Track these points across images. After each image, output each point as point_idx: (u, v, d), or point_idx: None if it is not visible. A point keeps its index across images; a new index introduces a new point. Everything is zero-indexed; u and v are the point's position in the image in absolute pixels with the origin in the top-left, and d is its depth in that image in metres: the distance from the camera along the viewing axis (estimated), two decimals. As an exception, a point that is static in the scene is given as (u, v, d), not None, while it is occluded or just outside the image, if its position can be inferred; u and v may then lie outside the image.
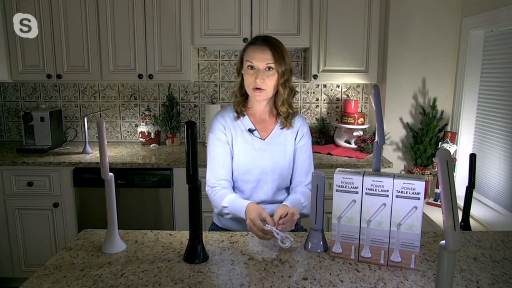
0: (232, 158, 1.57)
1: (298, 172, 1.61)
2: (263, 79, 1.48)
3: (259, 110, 1.60)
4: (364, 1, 2.61)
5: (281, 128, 1.60)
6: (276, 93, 1.56)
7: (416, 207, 1.09)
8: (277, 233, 1.25)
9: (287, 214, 1.32)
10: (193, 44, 2.69)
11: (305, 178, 1.60)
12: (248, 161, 1.55)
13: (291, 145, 1.61)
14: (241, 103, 1.59)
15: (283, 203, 1.46)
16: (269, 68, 1.49)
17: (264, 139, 1.58)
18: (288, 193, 1.64)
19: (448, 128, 2.67)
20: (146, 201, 2.53)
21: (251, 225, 1.30)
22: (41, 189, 2.52)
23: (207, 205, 1.56)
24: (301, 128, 1.63)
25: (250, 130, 1.57)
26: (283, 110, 1.57)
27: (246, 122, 1.58)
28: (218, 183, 1.54)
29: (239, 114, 1.58)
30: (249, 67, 1.50)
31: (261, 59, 1.48)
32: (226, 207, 1.47)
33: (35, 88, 3.09)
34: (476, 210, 2.24)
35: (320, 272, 1.12)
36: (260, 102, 1.57)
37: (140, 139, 2.99)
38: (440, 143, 2.56)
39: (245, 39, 2.61)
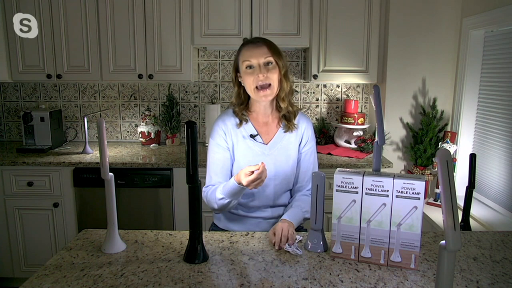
0: (233, 163, 1.55)
1: (301, 177, 1.59)
2: (265, 74, 1.44)
3: (262, 113, 1.57)
4: (364, 1, 2.61)
5: (285, 132, 1.57)
6: (278, 93, 1.53)
7: (416, 207, 1.09)
8: (289, 246, 1.24)
9: (283, 231, 1.31)
10: (193, 44, 2.69)
11: (308, 183, 1.58)
12: None
13: (295, 149, 1.58)
14: (241, 110, 1.56)
15: (282, 217, 1.43)
16: (268, 63, 1.46)
17: (266, 144, 1.55)
18: (291, 196, 1.63)
19: (448, 128, 2.67)
20: (146, 201, 2.53)
21: (243, 176, 1.33)
22: (41, 189, 2.52)
23: (207, 205, 1.56)
24: (305, 132, 1.59)
25: (252, 136, 1.54)
26: (284, 106, 1.53)
27: (248, 127, 1.55)
28: (211, 185, 1.52)
29: (241, 120, 1.55)
30: (248, 67, 1.47)
31: (259, 55, 1.45)
32: (222, 197, 1.44)
33: (35, 88, 3.09)
34: (476, 210, 2.24)
35: (320, 272, 1.11)
36: (263, 104, 1.54)
37: (140, 139, 2.99)
38: (440, 143, 2.56)
39: (245, 39, 2.61)
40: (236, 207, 1.58)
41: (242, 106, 1.56)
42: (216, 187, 1.48)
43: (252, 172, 1.32)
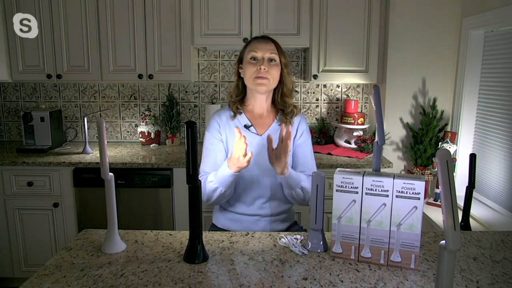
0: (227, 155, 1.58)
1: (299, 169, 1.60)
2: (266, 68, 1.50)
3: (257, 106, 1.60)
4: (364, 1, 2.61)
5: (279, 125, 1.59)
6: (278, 88, 1.58)
7: (416, 207, 1.09)
8: (295, 247, 1.25)
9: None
10: (193, 44, 2.69)
11: (306, 174, 1.59)
12: None
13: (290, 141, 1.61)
14: (237, 102, 1.61)
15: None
16: (272, 59, 1.53)
17: (261, 135, 1.58)
18: None
19: (448, 128, 2.67)
20: (146, 201, 2.53)
21: (234, 159, 1.37)
22: (41, 189, 2.52)
23: (207, 205, 1.56)
24: (300, 125, 1.63)
25: (246, 126, 1.58)
26: (290, 103, 1.59)
27: (242, 119, 1.60)
28: (205, 173, 1.56)
29: (235, 112, 1.59)
30: (252, 58, 1.53)
31: (265, 49, 1.52)
32: (212, 181, 1.47)
33: (35, 88, 3.09)
34: (476, 210, 2.24)
35: (320, 272, 1.11)
36: (259, 98, 1.58)
37: (140, 139, 2.99)
38: (440, 143, 2.56)
39: (245, 39, 2.61)
40: (233, 204, 1.59)
41: (238, 98, 1.61)
42: (208, 176, 1.52)
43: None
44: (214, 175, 1.47)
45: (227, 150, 1.58)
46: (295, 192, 1.51)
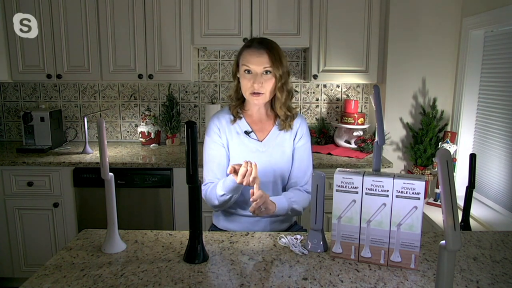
0: (229, 160, 1.56)
1: (294, 172, 1.59)
2: (261, 83, 1.46)
3: (256, 112, 1.59)
4: (364, 1, 2.61)
5: (280, 130, 1.58)
6: (274, 97, 1.55)
7: (416, 207, 1.09)
8: (295, 247, 1.25)
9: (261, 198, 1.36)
10: (193, 44, 2.69)
11: (301, 179, 1.59)
12: None
13: (290, 146, 1.59)
14: (237, 106, 1.58)
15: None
16: (267, 72, 1.47)
17: (261, 141, 1.56)
18: None
19: (448, 128, 2.67)
20: (146, 201, 2.53)
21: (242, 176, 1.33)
22: (41, 189, 2.52)
23: (207, 205, 1.56)
24: (300, 129, 1.61)
25: (247, 132, 1.56)
26: (281, 114, 1.56)
27: (242, 124, 1.57)
28: (210, 183, 1.54)
29: (235, 117, 1.57)
30: (246, 71, 1.48)
31: (258, 63, 1.46)
32: (223, 194, 1.44)
33: (35, 88, 3.09)
34: (476, 210, 2.24)
35: (320, 272, 1.11)
36: (256, 105, 1.56)
37: (140, 139, 2.99)
38: (440, 143, 2.56)
39: (245, 39, 2.61)
40: (234, 207, 1.59)
41: (239, 101, 1.59)
42: (216, 184, 1.49)
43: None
44: (223, 186, 1.43)
45: (229, 154, 1.56)
46: (289, 213, 1.52)
